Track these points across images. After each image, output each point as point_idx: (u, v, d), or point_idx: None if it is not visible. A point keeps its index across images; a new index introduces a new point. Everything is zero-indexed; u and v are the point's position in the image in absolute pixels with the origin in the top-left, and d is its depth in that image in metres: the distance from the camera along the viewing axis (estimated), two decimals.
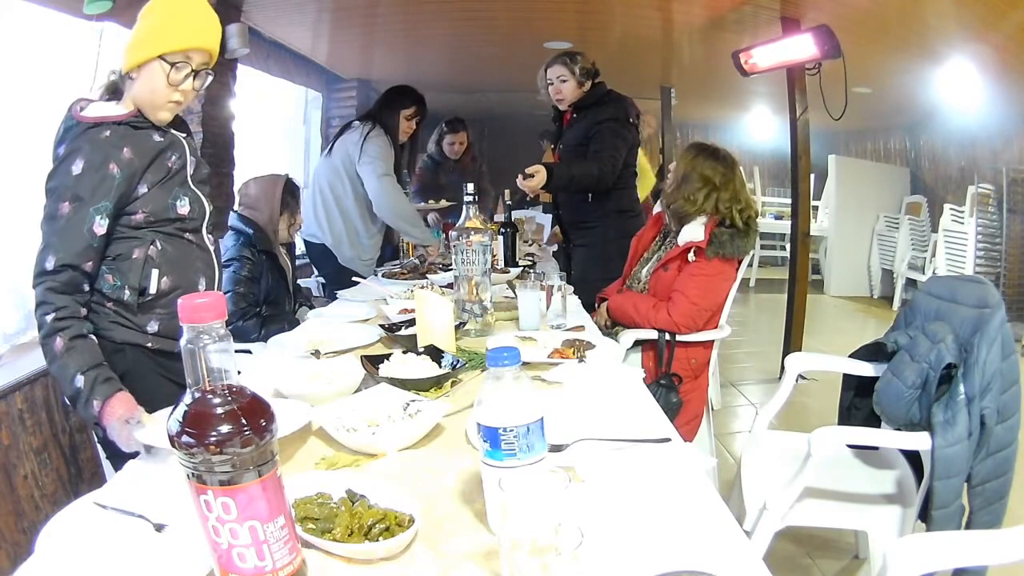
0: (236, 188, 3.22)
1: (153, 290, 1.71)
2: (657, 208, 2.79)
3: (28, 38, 2.87)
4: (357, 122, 3.63)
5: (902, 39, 4.58)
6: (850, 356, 2.18)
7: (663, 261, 2.59)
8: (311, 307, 3.01)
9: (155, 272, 1.72)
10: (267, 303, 2.75)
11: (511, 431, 0.90)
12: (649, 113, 6.12)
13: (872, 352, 2.12)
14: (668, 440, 1.25)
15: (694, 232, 2.50)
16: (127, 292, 1.69)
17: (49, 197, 1.60)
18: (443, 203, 4.42)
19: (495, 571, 0.87)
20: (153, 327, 1.74)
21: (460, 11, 4.54)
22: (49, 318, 1.55)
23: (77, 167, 1.59)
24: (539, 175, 3.01)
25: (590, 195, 3.30)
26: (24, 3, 2.74)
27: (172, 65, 1.65)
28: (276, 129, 5.95)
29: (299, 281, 3.22)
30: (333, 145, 3.62)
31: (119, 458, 1.48)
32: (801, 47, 4.09)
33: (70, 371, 1.54)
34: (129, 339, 1.72)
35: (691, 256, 2.47)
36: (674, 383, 2.47)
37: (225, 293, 2.57)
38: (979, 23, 4.10)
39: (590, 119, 3.27)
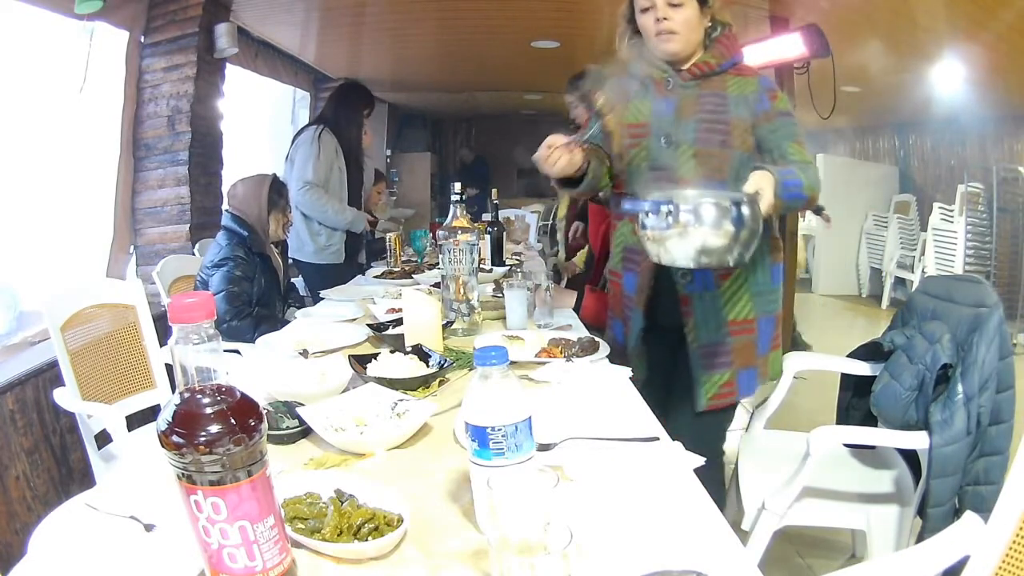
0: (224, 189, 3.26)
1: None
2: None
3: (19, 37, 2.86)
4: (308, 127, 3.74)
5: (892, 38, 4.59)
6: (848, 356, 2.20)
7: None
8: (302, 306, 3.00)
9: None
10: (259, 304, 2.75)
11: (499, 430, 0.90)
12: None
13: (870, 352, 2.13)
14: (656, 439, 1.26)
15: None
16: None
17: None
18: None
19: (484, 571, 0.88)
20: None
21: (447, 10, 4.53)
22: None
23: None
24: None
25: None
26: (16, 2, 2.73)
27: None
28: (264, 129, 5.94)
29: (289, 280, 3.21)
30: (289, 153, 3.73)
31: None
32: (790, 46, 4.10)
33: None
34: None
35: None
36: None
37: (218, 293, 2.58)
38: (969, 22, 4.11)
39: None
